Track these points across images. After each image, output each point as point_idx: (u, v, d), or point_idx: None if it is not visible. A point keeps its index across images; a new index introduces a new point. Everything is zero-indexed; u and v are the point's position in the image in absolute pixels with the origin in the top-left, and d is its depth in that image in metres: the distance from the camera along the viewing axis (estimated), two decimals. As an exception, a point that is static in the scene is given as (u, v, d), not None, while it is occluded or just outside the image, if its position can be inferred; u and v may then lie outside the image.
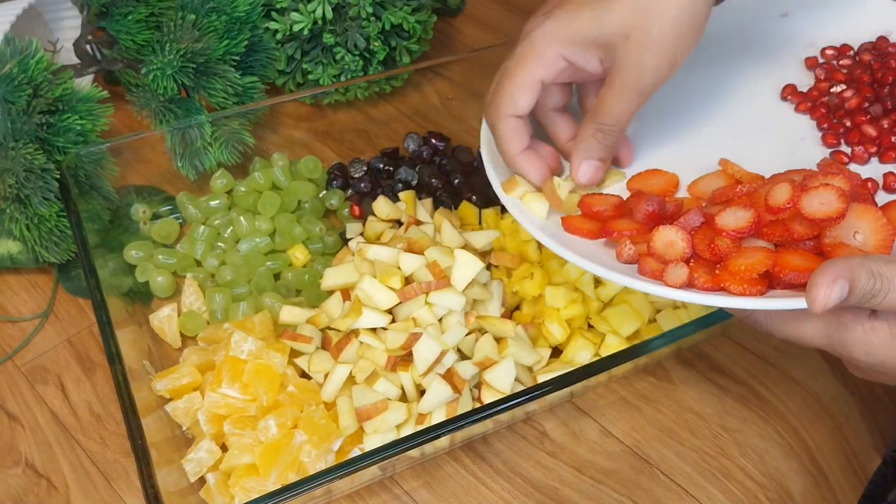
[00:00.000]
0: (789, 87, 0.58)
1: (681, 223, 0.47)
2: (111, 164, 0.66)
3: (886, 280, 0.39)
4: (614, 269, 0.46)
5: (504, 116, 0.50)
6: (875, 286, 0.39)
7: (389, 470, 0.55)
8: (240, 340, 0.56)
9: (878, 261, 0.39)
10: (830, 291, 0.38)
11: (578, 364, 0.57)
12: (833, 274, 0.38)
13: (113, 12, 0.69)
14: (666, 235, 0.46)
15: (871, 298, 0.39)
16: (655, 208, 0.48)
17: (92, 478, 0.56)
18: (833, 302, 0.38)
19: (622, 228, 0.48)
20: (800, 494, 0.55)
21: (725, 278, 0.44)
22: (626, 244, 0.47)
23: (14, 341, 0.63)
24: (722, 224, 0.45)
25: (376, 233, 0.64)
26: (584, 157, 0.51)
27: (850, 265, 0.39)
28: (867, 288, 0.39)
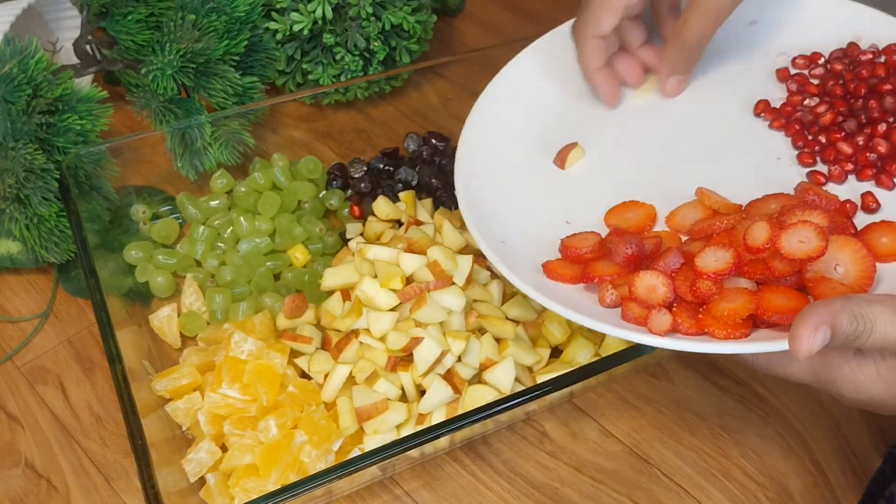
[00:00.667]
0: (762, 104, 0.57)
1: (661, 267, 0.47)
2: (111, 165, 0.66)
3: (868, 321, 0.39)
4: (599, 318, 0.45)
5: (589, 37, 0.55)
6: (857, 328, 0.39)
7: (389, 470, 0.55)
8: (240, 341, 0.56)
9: (860, 302, 0.40)
10: (813, 339, 0.39)
11: (578, 364, 0.57)
12: (815, 321, 0.39)
13: (113, 12, 0.69)
14: (647, 281, 0.46)
15: (854, 340, 0.40)
16: (634, 250, 0.48)
17: (92, 478, 0.56)
18: (816, 348, 0.39)
19: (602, 273, 0.48)
20: (800, 494, 0.55)
21: (709, 323, 0.44)
22: (609, 290, 0.47)
23: (14, 341, 0.63)
24: (702, 267, 0.45)
25: (376, 233, 0.64)
26: (671, 72, 0.57)
27: (831, 310, 0.39)
28: (850, 330, 0.39)
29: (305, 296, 0.60)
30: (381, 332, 0.55)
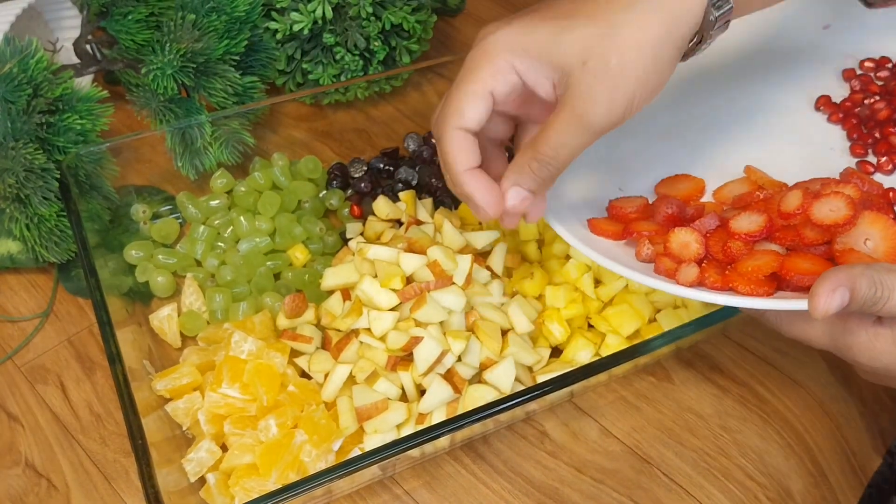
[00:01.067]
0: (823, 98, 0.58)
1: (696, 226, 0.49)
2: (111, 164, 0.66)
3: (887, 288, 0.40)
4: (632, 268, 0.47)
5: (451, 129, 0.45)
6: (876, 294, 0.40)
7: (390, 470, 0.55)
8: (240, 340, 0.56)
9: (880, 269, 0.40)
10: (831, 300, 0.39)
11: (578, 364, 0.57)
12: (834, 283, 0.39)
13: (113, 12, 0.69)
14: (681, 237, 0.48)
15: (872, 305, 0.40)
16: (675, 211, 0.51)
17: (92, 478, 0.56)
18: (833, 309, 0.39)
19: (642, 229, 0.50)
20: (800, 494, 0.55)
21: (734, 279, 0.45)
22: (646, 244, 0.50)
23: (14, 341, 0.63)
24: (736, 228, 0.47)
25: (376, 233, 0.64)
26: (513, 182, 0.46)
27: (851, 274, 0.40)
28: (868, 296, 0.40)
29: (305, 295, 0.60)
30: (382, 332, 0.55)
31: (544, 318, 0.58)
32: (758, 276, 0.45)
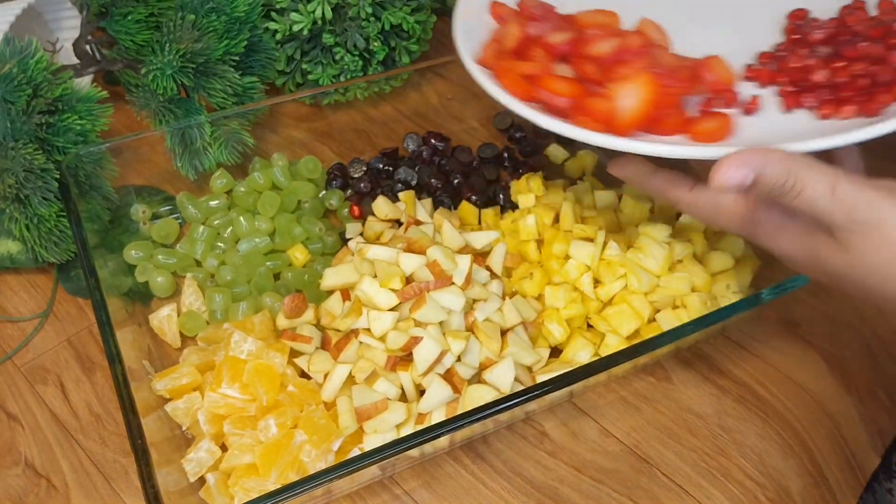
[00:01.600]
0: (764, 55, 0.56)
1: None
2: (111, 165, 0.66)
3: (800, 182, 0.39)
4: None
5: None
6: (787, 184, 0.39)
7: (389, 470, 0.55)
8: (239, 340, 0.56)
9: (799, 160, 0.40)
10: (732, 173, 0.40)
11: (578, 364, 0.57)
12: (742, 160, 0.40)
13: (112, 12, 0.69)
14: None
15: (780, 195, 0.40)
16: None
17: (92, 478, 0.56)
18: (729, 183, 0.40)
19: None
20: (799, 494, 0.55)
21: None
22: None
23: (14, 341, 0.63)
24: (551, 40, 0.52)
25: (376, 233, 0.64)
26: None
27: (766, 157, 0.40)
28: (777, 184, 0.40)
29: (305, 295, 0.60)
30: (381, 332, 0.55)
31: (543, 318, 0.58)
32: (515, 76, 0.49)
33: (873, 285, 0.40)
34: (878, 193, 0.39)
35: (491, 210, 0.67)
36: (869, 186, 0.39)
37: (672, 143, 0.46)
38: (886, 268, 0.39)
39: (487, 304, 0.58)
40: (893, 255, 0.39)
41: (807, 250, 0.42)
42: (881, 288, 0.40)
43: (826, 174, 0.39)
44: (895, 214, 0.39)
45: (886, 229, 0.39)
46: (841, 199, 0.39)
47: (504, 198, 0.69)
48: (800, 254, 0.43)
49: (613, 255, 0.60)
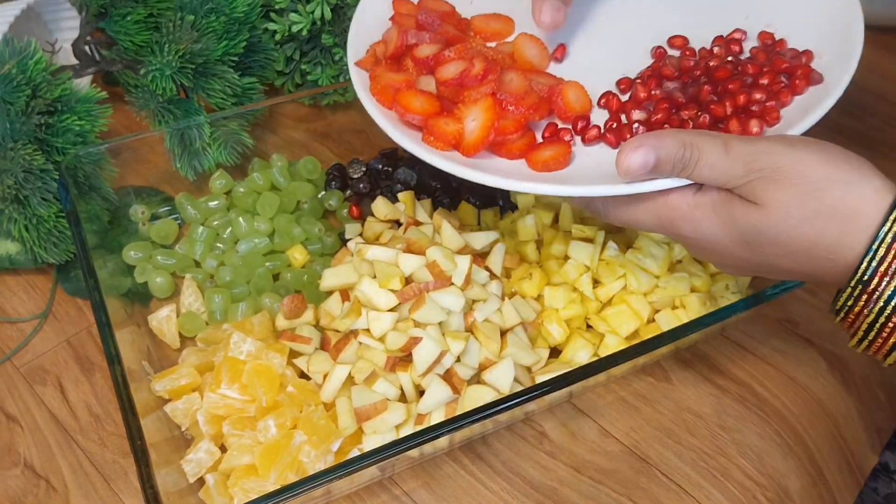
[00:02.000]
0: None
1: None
2: (110, 165, 0.66)
3: (697, 149, 0.40)
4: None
5: None
6: (685, 155, 0.40)
7: (388, 470, 0.55)
8: (239, 341, 0.56)
9: (691, 132, 0.41)
10: (633, 156, 0.40)
11: (577, 364, 0.57)
12: (639, 141, 0.40)
13: (112, 13, 0.69)
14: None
15: (682, 169, 0.40)
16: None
17: (91, 478, 0.56)
18: (635, 167, 0.40)
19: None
20: (798, 494, 0.55)
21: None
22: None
23: (13, 342, 0.63)
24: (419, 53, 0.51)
25: (375, 233, 0.64)
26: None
27: (659, 135, 0.40)
28: (677, 157, 0.40)
29: (304, 296, 0.60)
30: (381, 333, 0.55)
31: (543, 319, 0.58)
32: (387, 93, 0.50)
33: (794, 237, 0.40)
34: (769, 141, 0.40)
35: (490, 210, 0.67)
36: (760, 138, 0.40)
37: (504, 174, 0.46)
38: (797, 206, 0.39)
39: (487, 305, 0.58)
40: (800, 195, 0.39)
41: (726, 224, 0.42)
42: (800, 235, 0.39)
43: (717, 137, 0.40)
44: (792, 155, 0.39)
45: (787, 170, 0.39)
46: (736, 154, 0.40)
47: (503, 198, 0.69)
48: (721, 231, 0.42)
49: (613, 256, 0.60)
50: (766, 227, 0.40)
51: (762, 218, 0.40)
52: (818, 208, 0.39)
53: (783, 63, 0.48)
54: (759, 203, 0.40)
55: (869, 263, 0.38)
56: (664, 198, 0.43)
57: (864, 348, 0.41)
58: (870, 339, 0.40)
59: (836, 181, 0.39)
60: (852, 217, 0.39)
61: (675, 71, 0.51)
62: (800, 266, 0.41)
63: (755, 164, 0.39)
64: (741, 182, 0.40)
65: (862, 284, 0.39)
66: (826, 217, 0.39)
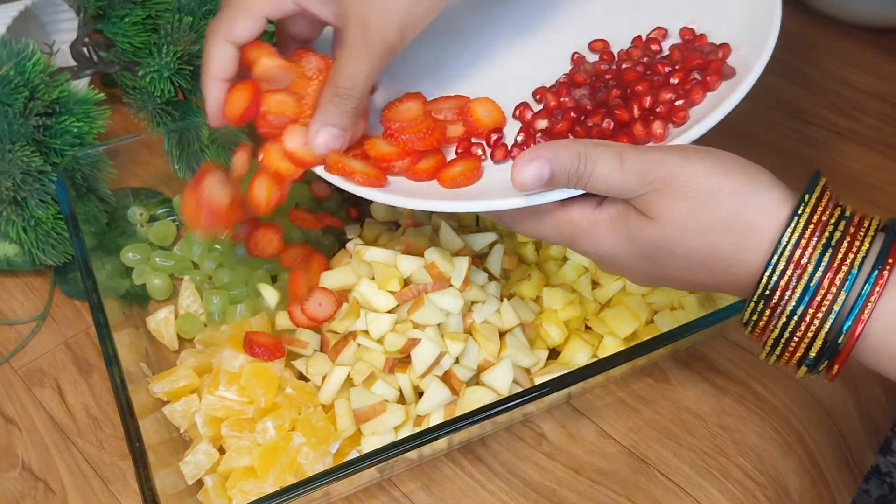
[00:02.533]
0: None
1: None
2: (108, 167, 0.65)
3: (591, 160, 0.39)
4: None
5: (219, 39, 0.48)
6: (580, 167, 0.39)
7: (387, 472, 0.55)
8: (230, 357, 0.55)
9: (586, 143, 0.40)
10: (527, 169, 0.39)
11: (576, 365, 0.57)
12: (533, 154, 0.39)
13: (109, 15, 0.69)
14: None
15: (577, 180, 0.40)
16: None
17: (89, 480, 0.56)
18: (529, 180, 0.39)
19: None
20: (797, 493, 0.55)
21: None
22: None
23: (11, 344, 0.63)
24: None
25: (374, 235, 0.64)
26: (321, 122, 0.48)
27: (554, 146, 0.40)
28: (572, 169, 0.39)
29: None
30: (379, 334, 0.55)
31: (542, 320, 0.58)
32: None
33: (690, 250, 0.39)
34: (663, 152, 0.39)
35: (488, 211, 0.67)
36: (655, 149, 0.40)
37: (407, 194, 0.47)
38: (691, 219, 0.38)
39: (485, 306, 0.58)
40: (693, 208, 0.38)
41: (624, 239, 0.41)
42: (696, 249, 0.39)
43: (612, 147, 0.40)
44: (685, 167, 0.38)
45: (679, 183, 0.38)
46: (630, 167, 0.39)
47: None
48: (621, 247, 0.41)
49: (611, 257, 0.60)
50: (662, 240, 0.39)
51: (657, 232, 0.39)
52: (712, 222, 0.38)
53: (696, 59, 0.47)
54: (654, 216, 0.39)
55: (770, 278, 0.37)
56: (565, 213, 0.43)
57: (774, 361, 0.40)
58: (777, 353, 0.39)
59: (730, 193, 0.38)
60: (748, 230, 0.38)
61: (589, 77, 0.50)
62: (703, 279, 0.41)
63: (648, 176, 0.39)
64: (635, 194, 0.39)
65: (764, 299, 0.38)
66: (721, 231, 0.38)
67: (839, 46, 0.86)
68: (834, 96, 0.81)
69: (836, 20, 0.88)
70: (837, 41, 0.87)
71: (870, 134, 0.78)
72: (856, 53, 0.85)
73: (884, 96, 0.81)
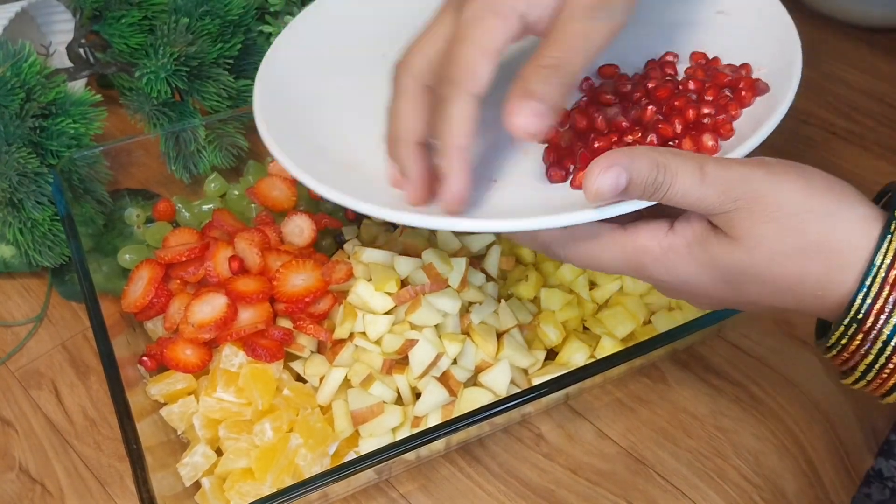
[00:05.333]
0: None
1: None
2: (105, 168, 0.65)
3: (670, 172, 0.36)
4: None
5: (465, 94, 0.38)
6: (658, 178, 0.36)
7: (385, 473, 0.55)
8: (230, 355, 0.55)
9: (664, 152, 0.36)
10: (603, 178, 0.35)
11: (574, 366, 0.57)
12: (609, 160, 0.36)
13: (106, 16, 0.69)
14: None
15: (654, 191, 0.36)
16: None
17: (86, 482, 0.56)
18: (606, 189, 0.36)
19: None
20: (794, 495, 0.55)
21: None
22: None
23: (8, 346, 0.63)
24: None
25: (371, 235, 0.64)
26: (527, 95, 0.37)
27: (630, 153, 0.36)
28: (649, 179, 0.36)
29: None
30: (377, 336, 0.55)
31: (539, 321, 0.58)
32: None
33: (777, 274, 0.37)
34: (748, 167, 0.36)
35: (486, 212, 0.67)
36: (738, 162, 0.37)
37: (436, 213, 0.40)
38: (779, 242, 0.36)
39: (483, 307, 0.58)
40: (781, 230, 0.35)
41: (704, 265, 0.38)
42: (784, 273, 0.36)
43: (693, 159, 0.36)
44: (772, 184, 0.36)
45: (766, 201, 0.35)
46: (712, 181, 0.36)
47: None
48: (700, 273, 0.38)
49: (608, 257, 0.60)
50: (748, 265, 0.37)
51: (743, 255, 0.37)
52: (802, 244, 0.36)
53: (724, 77, 0.46)
54: (738, 238, 0.36)
55: (863, 301, 0.35)
56: (632, 238, 0.39)
57: (862, 387, 0.38)
58: (868, 379, 0.37)
59: (820, 213, 0.36)
60: (839, 251, 0.35)
61: (614, 96, 0.47)
62: (785, 302, 0.38)
63: (732, 193, 0.36)
64: (716, 212, 0.36)
65: (857, 323, 0.35)
66: (811, 253, 0.36)
67: (837, 46, 0.86)
68: (831, 96, 0.82)
69: (834, 20, 0.88)
70: (835, 41, 0.87)
71: (866, 134, 0.78)
72: (853, 53, 0.86)
73: (881, 96, 0.81)
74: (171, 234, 0.62)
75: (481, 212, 0.41)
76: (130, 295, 0.58)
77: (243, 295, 0.55)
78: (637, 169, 0.36)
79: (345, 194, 0.41)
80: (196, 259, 0.58)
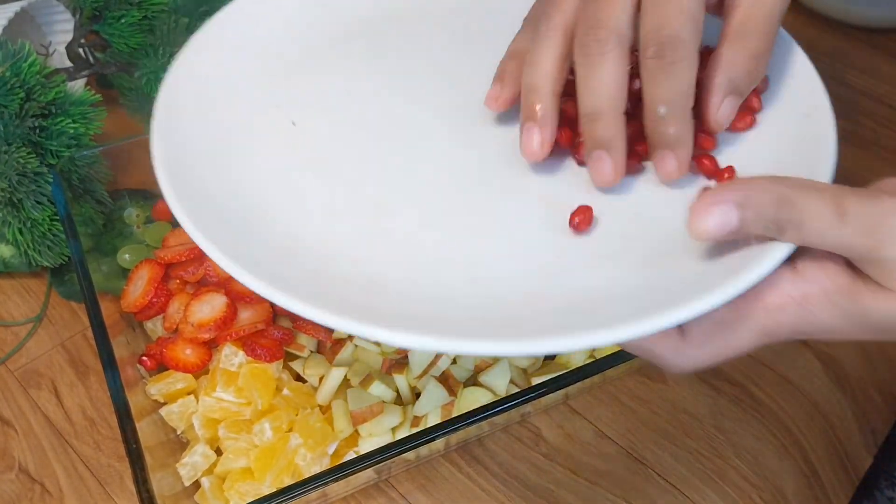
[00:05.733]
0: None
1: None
2: (104, 168, 0.65)
3: (797, 208, 0.30)
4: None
5: (614, 41, 0.34)
6: (781, 216, 0.30)
7: (385, 473, 0.55)
8: (230, 354, 0.55)
9: (788, 183, 0.30)
10: (707, 218, 0.30)
11: (573, 366, 0.57)
12: (719, 196, 0.30)
13: (106, 16, 0.69)
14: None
15: (777, 230, 0.30)
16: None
17: (86, 482, 0.56)
18: (712, 229, 0.30)
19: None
20: (793, 495, 0.55)
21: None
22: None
23: (7, 346, 0.63)
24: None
25: (371, 236, 0.64)
26: (728, 90, 0.36)
27: (746, 186, 0.30)
28: (769, 217, 0.30)
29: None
30: (376, 335, 0.55)
31: (539, 321, 0.58)
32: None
33: None
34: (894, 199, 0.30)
35: (486, 212, 0.67)
36: (880, 195, 0.30)
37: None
38: None
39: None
40: None
41: (851, 315, 0.32)
42: None
43: (825, 192, 0.30)
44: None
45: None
46: (854, 220, 0.29)
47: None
48: (845, 323, 0.32)
49: (608, 257, 0.60)
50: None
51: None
52: None
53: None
54: (892, 288, 0.30)
55: None
56: (761, 302, 0.32)
57: None
58: None
59: None
60: None
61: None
62: None
63: (879, 234, 0.29)
64: (859, 256, 0.30)
65: None
66: None
67: (836, 47, 0.86)
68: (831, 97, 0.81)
69: (834, 20, 0.88)
70: (835, 41, 0.87)
71: (866, 135, 0.78)
72: (854, 54, 0.86)
73: (881, 97, 0.81)
74: (171, 234, 0.62)
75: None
76: (130, 295, 0.58)
77: (243, 294, 0.55)
78: (753, 205, 0.30)
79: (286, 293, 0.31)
80: (196, 259, 0.58)
